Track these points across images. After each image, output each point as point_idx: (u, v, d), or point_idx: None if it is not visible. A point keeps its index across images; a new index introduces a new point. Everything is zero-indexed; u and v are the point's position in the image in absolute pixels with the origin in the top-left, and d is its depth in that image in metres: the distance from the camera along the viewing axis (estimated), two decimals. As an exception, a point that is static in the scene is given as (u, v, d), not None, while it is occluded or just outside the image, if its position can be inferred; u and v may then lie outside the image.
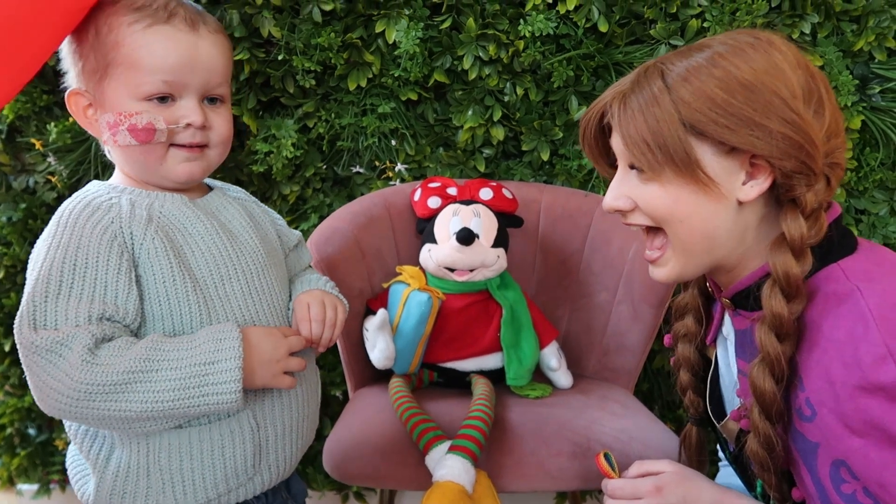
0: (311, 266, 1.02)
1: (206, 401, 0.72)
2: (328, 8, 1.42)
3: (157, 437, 0.77)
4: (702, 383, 0.89)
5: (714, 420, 0.87)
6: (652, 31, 1.42)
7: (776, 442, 0.71)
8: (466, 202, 1.29)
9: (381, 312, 1.20)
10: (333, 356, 1.56)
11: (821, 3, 1.41)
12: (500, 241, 1.28)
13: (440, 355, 1.27)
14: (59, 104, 1.54)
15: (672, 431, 1.15)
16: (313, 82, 1.47)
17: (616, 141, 0.76)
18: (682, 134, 0.70)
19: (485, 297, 1.27)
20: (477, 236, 1.23)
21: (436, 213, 1.30)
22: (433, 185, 1.34)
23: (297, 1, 1.44)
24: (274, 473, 0.84)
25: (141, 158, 0.80)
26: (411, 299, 1.22)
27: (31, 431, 1.67)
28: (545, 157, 1.49)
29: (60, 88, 1.51)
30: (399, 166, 1.51)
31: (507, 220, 1.32)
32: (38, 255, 0.76)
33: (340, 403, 1.60)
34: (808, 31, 1.42)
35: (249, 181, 1.52)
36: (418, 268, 1.28)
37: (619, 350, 1.33)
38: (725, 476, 0.98)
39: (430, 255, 1.26)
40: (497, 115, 1.47)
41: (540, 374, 1.33)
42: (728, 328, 0.83)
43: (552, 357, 1.29)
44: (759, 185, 0.70)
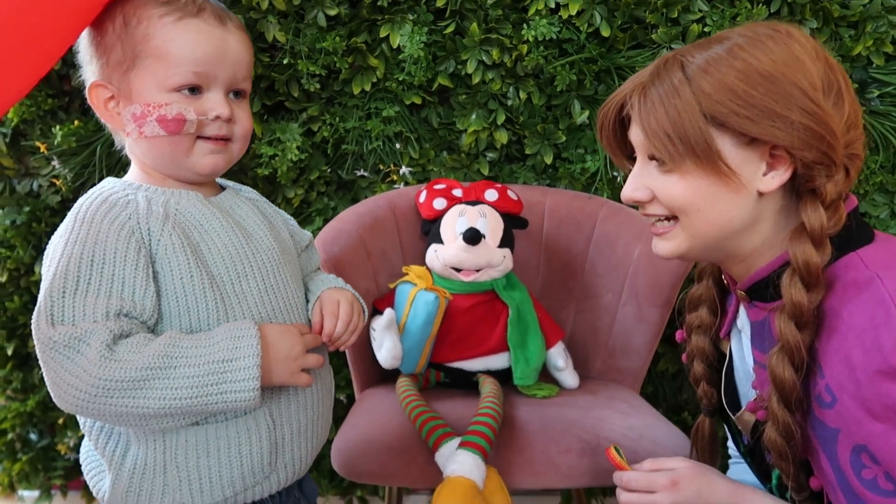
0: (319, 268, 1.02)
1: (224, 398, 0.72)
2: (333, 13, 1.44)
3: (173, 435, 0.77)
4: (716, 374, 0.89)
5: (729, 412, 0.87)
6: (654, 36, 1.43)
7: (795, 430, 0.71)
8: (472, 203, 1.30)
9: (389, 312, 1.20)
10: (338, 359, 1.56)
11: (819, 8, 1.44)
12: (506, 241, 1.28)
13: (447, 355, 1.27)
14: (63, 108, 1.54)
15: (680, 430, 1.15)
16: (318, 86, 1.48)
17: (635, 132, 0.77)
18: (702, 125, 0.70)
19: (491, 298, 1.27)
20: (483, 236, 1.24)
21: (441, 214, 1.31)
22: (439, 186, 1.35)
23: (302, 6, 1.45)
24: (290, 472, 0.84)
25: (167, 150, 0.80)
26: (418, 299, 1.22)
27: (33, 436, 1.66)
28: (548, 160, 1.50)
29: (66, 91, 1.53)
30: (403, 169, 1.52)
31: (513, 221, 1.32)
32: (55, 251, 0.75)
33: (345, 407, 1.60)
34: (808, 35, 1.44)
35: (254, 184, 1.52)
36: (425, 268, 1.28)
37: (625, 351, 1.33)
38: (737, 473, 0.98)
39: (437, 256, 1.26)
40: (500, 119, 1.49)
41: (546, 375, 1.33)
42: (743, 320, 0.83)
43: (559, 357, 1.29)
44: (780, 175, 0.71)
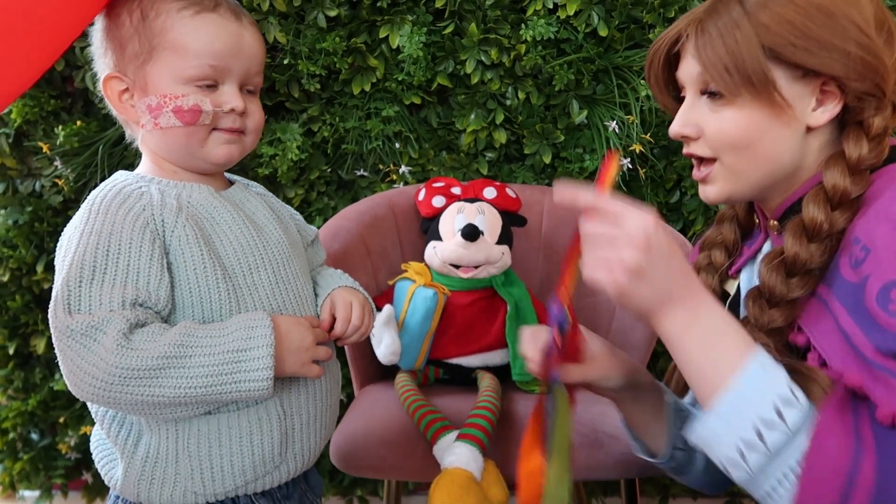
0: (324, 263, 1.03)
1: (238, 387, 0.73)
2: (333, 14, 1.45)
3: (185, 424, 0.78)
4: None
5: None
6: (650, 36, 1.45)
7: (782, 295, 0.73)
8: (471, 200, 1.31)
9: (388, 308, 1.20)
10: (338, 358, 1.56)
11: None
12: (504, 238, 1.29)
13: (446, 351, 1.27)
14: (66, 109, 1.56)
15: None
16: (318, 87, 1.49)
17: (688, 67, 0.77)
18: (761, 56, 0.71)
19: (490, 294, 1.28)
20: (482, 233, 1.25)
21: (440, 211, 1.32)
22: (437, 184, 1.36)
23: (303, 7, 1.47)
24: (299, 462, 0.84)
25: (183, 140, 0.81)
26: (417, 295, 1.23)
27: (34, 436, 1.66)
28: (547, 160, 1.51)
29: (69, 92, 1.55)
30: (403, 169, 1.53)
31: (511, 218, 1.33)
32: (70, 242, 0.76)
33: (345, 407, 1.60)
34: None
35: (254, 184, 1.54)
36: (424, 265, 1.29)
37: (624, 347, 1.34)
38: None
39: (436, 252, 1.27)
40: (499, 119, 1.50)
41: (545, 372, 1.33)
42: (768, 249, 0.82)
43: (557, 353, 1.30)
44: (830, 110, 0.73)
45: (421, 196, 1.36)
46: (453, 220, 1.28)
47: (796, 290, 0.73)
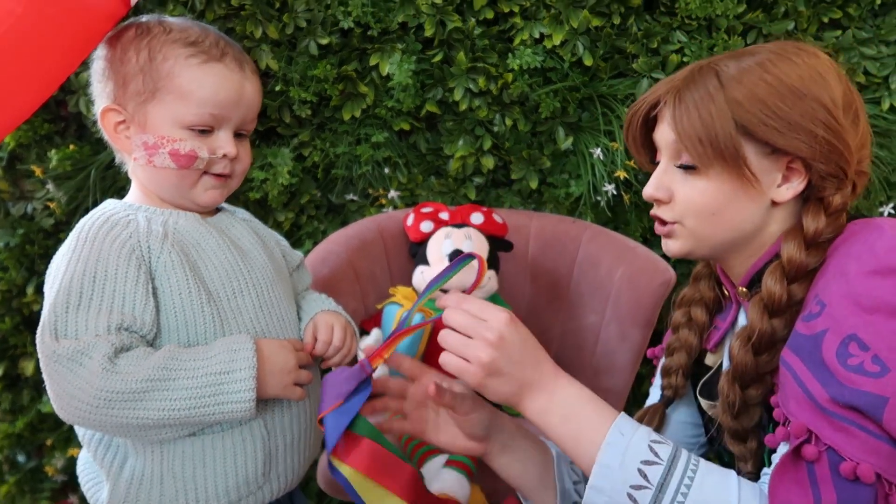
0: (310, 288, 1.04)
1: (221, 409, 0.75)
2: (324, 42, 1.48)
3: (170, 445, 0.79)
4: (694, 367, 0.90)
5: (702, 400, 0.89)
6: (634, 65, 1.48)
7: (738, 406, 0.77)
8: (458, 226, 1.33)
9: (375, 332, 1.22)
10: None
11: (793, 40, 1.49)
12: (491, 263, 1.31)
13: (433, 375, 1.29)
14: (59, 133, 1.58)
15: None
16: (309, 112, 1.52)
17: (664, 134, 0.80)
18: (733, 131, 0.74)
19: (476, 318, 1.30)
20: (469, 258, 1.27)
21: (428, 236, 1.34)
22: (426, 209, 1.38)
23: (295, 35, 1.50)
24: (283, 483, 0.85)
25: (175, 181, 0.83)
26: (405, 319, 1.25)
27: (21, 459, 1.66)
28: (534, 185, 1.53)
29: (62, 116, 1.57)
30: (392, 194, 1.56)
31: (498, 243, 1.36)
32: (58, 268, 0.78)
33: (332, 428, 1.61)
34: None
35: (246, 208, 1.53)
36: (411, 289, 1.31)
37: (609, 371, 1.36)
38: None
39: (423, 277, 1.29)
40: (487, 145, 1.53)
41: (531, 395, 1.35)
42: (742, 321, 0.84)
43: (543, 377, 1.31)
44: (794, 187, 0.76)
45: (409, 221, 1.39)
46: (441, 244, 1.30)
47: (766, 367, 0.76)
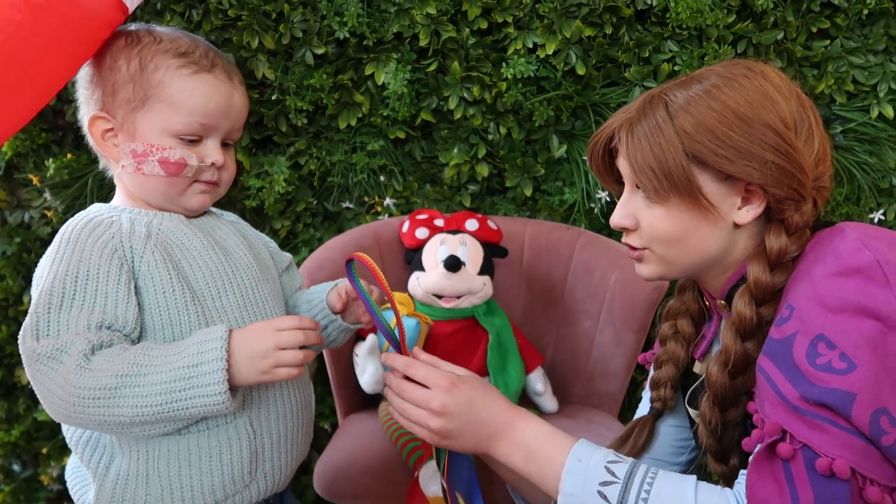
0: (302, 287, 1.05)
1: (194, 403, 0.73)
2: (320, 52, 1.50)
3: (155, 445, 0.79)
4: (682, 379, 0.91)
5: (689, 408, 0.90)
6: (626, 74, 1.50)
7: (719, 429, 0.79)
8: (453, 232, 1.34)
9: (371, 338, 1.23)
10: (322, 387, 1.58)
11: (783, 49, 1.51)
12: (486, 269, 1.33)
13: (429, 380, 1.29)
14: (56, 142, 1.58)
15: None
16: (305, 121, 1.53)
17: (623, 164, 0.81)
18: (685, 163, 0.75)
19: (472, 324, 1.31)
20: (463, 264, 1.28)
21: (423, 243, 1.35)
22: (421, 216, 1.39)
23: (291, 45, 1.51)
24: (270, 482, 0.86)
25: (163, 188, 0.85)
26: (400, 325, 1.26)
27: (16, 468, 1.66)
28: (528, 192, 1.55)
29: (60, 125, 1.58)
30: (387, 201, 1.57)
31: (493, 249, 1.37)
32: (41, 271, 0.79)
33: (328, 436, 1.61)
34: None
35: (242, 216, 1.55)
36: (407, 294, 1.32)
37: (604, 375, 1.37)
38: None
39: (419, 283, 1.30)
40: (481, 153, 1.54)
41: (526, 400, 1.36)
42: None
43: (538, 381, 1.32)
44: (754, 209, 0.76)
45: (405, 228, 1.40)
46: (436, 251, 1.31)
47: (743, 388, 0.77)
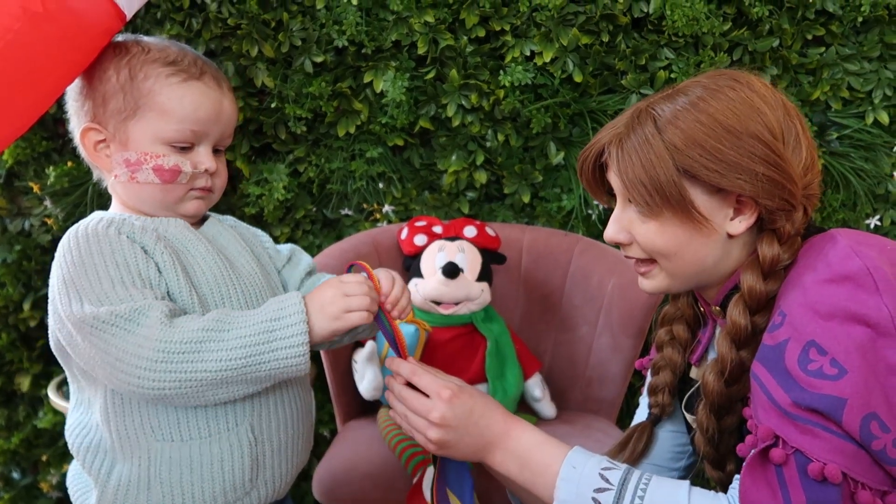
0: (314, 270, 1.05)
1: (276, 356, 0.75)
2: (319, 60, 1.51)
3: (157, 451, 0.80)
4: (679, 383, 0.92)
5: (686, 413, 0.91)
6: (623, 81, 1.51)
7: (716, 437, 0.79)
8: (451, 239, 1.35)
9: (370, 344, 1.23)
10: (321, 394, 1.59)
11: (778, 56, 1.52)
12: (484, 275, 1.33)
13: (427, 386, 1.30)
14: (57, 150, 1.59)
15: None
16: (304, 129, 1.54)
17: (614, 179, 0.81)
18: (676, 178, 0.75)
19: (470, 330, 1.31)
20: (462, 270, 1.29)
21: (422, 249, 1.36)
22: (419, 223, 1.40)
23: (290, 53, 1.52)
24: (270, 489, 0.86)
25: (159, 196, 0.86)
26: (399, 331, 1.26)
27: (16, 475, 1.66)
28: (526, 199, 1.56)
29: (60, 134, 1.59)
30: (386, 208, 1.58)
31: (491, 256, 1.37)
32: (61, 265, 0.82)
33: (328, 442, 1.61)
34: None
35: (241, 223, 1.57)
36: (406, 301, 1.32)
37: (602, 381, 1.37)
38: None
39: (417, 289, 1.31)
40: (480, 160, 1.55)
41: (525, 406, 1.36)
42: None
43: (535, 387, 1.33)
44: (747, 220, 0.77)
45: (403, 235, 1.41)
46: (434, 257, 1.32)
47: (739, 395, 0.78)
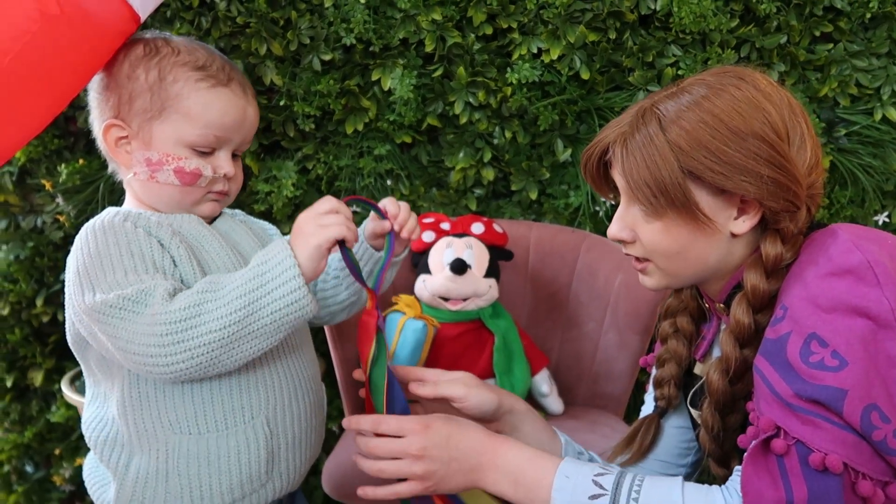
0: None
1: (274, 297, 0.75)
2: (327, 58, 1.52)
3: (175, 444, 0.82)
4: (686, 376, 0.92)
5: (691, 408, 0.91)
6: (630, 79, 1.52)
7: (720, 434, 0.80)
8: (459, 235, 1.36)
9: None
10: (330, 389, 1.60)
11: (786, 53, 1.52)
12: (492, 272, 1.34)
13: (435, 381, 1.31)
14: (69, 147, 1.61)
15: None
16: (313, 126, 1.55)
17: (619, 178, 0.81)
18: (680, 179, 0.75)
19: (478, 326, 1.32)
20: (469, 266, 1.30)
21: (430, 246, 1.37)
22: (427, 220, 1.41)
23: (299, 52, 1.54)
24: (285, 481, 0.88)
25: (177, 197, 0.87)
26: (407, 327, 1.27)
27: (29, 469, 1.68)
28: (533, 196, 1.56)
29: (72, 132, 1.60)
30: (394, 205, 1.59)
31: (498, 253, 1.38)
32: (77, 257, 0.82)
33: (337, 437, 1.63)
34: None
35: (250, 220, 1.59)
36: (414, 297, 1.33)
37: (608, 377, 1.38)
38: None
39: (425, 285, 1.31)
40: (487, 157, 1.56)
41: (532, 401, 1.37)
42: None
43: (543, 383, 1.34)
44: (750, 219, 0.77)
45: (411, 231, 1.41)
46: (442, 254, 1.33)
47: (742, 392, 0.78)
